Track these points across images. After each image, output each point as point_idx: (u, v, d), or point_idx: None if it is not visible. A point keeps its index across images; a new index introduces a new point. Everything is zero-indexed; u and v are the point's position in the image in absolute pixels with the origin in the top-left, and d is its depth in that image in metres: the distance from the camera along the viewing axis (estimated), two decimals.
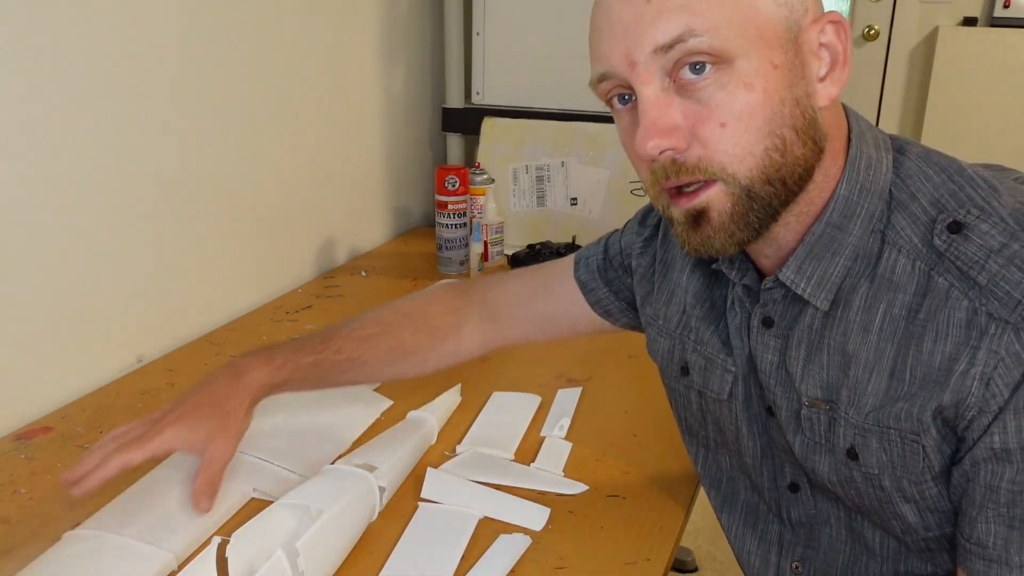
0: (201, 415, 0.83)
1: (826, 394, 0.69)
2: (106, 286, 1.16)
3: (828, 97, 0.64)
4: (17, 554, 0.80)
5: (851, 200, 0.66)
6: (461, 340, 0.97)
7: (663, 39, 0.60)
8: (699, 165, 0.62)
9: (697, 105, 0.61)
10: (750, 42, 0.60)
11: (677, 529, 0.86)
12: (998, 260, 0.60)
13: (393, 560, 0.79)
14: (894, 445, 0.66)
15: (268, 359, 0.87)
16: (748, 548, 0.84)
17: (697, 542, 2.00)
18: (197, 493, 0.82)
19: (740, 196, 0.62)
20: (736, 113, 0.60)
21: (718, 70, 0.60)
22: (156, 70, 1.19)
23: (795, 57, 0.62)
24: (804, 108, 0.62)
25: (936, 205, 0.64)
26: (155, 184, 1.22)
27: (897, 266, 0.64)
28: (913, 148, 0.68)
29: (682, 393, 0.84)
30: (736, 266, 0.74)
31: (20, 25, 0.99)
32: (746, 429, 0.79)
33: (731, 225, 0.64)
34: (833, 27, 0.63)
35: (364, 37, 1.71)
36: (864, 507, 0.73)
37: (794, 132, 0.62)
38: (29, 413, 1.06)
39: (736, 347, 0.76)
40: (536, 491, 0.90)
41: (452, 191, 1.56)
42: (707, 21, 0.59)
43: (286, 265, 1.54)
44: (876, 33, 2.83)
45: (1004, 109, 2.71)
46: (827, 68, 0.64)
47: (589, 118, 1.76)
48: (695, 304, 0.80)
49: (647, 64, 0.61)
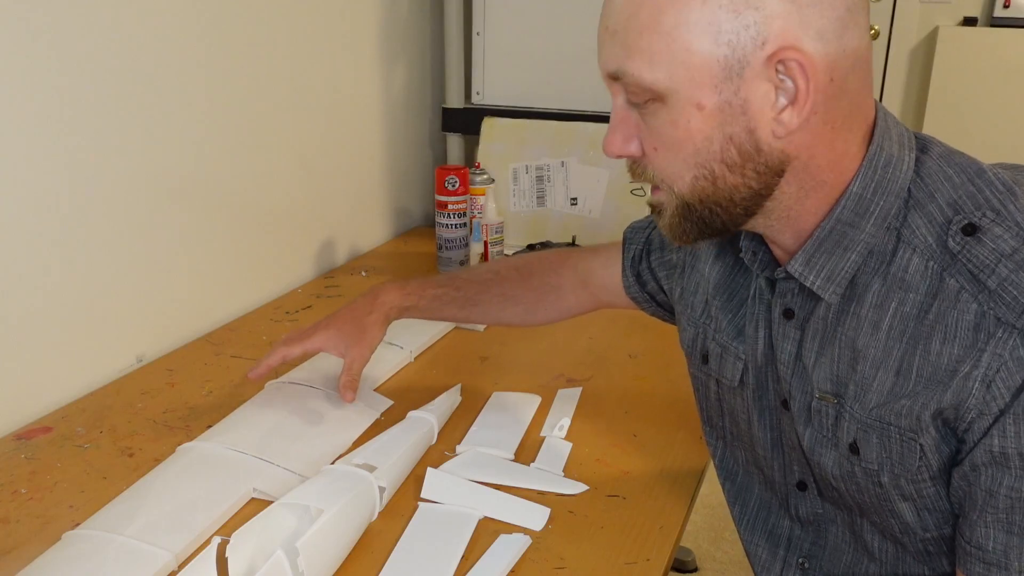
0: (344, 326, 1.02)
1: (835, 388, 0.70)
2: (106, 286, 1.16)
3: (785, 128, 0.62)
4: (17, 554, 0.80)
5: (864, 198, 0.66)
6: (560, 300, 1.06)
7: (608, 69, 0.66)
8: (647, 173, 0.69)
9: (644, 125, 0.66)
10: (678, 83, 0.62)
11: (677, 529, 0.86)
12: (1008, 264, 0.61)
13: (393, 560, 0.79)
14: (892, 442, 0.67)
15: (401, 286, 1.05)
16: (757, 541, 0.86)
17: (697, 542, 2.00)
18: (343, 388, 1.01)
19: (679, 206, 0.68)
20: (665, 143, 0.65)
21: (653, 103, 0.64)
22: (156, 71, 1.19)
23: (732, 96, 0.61)
24: (740, 143, 0.63)
25: (953, 206, 0.64)
26: (155, 184, 1.22)
27: (910, 265, 0.65)
28: (936, 148, 0.68)
29: (703, 382, 0.87)
30: (759, 258, 0.75)
31: (20, 25, 0.99)
32: (757, 419, 0.80)
33: (676, 227, 0.69)
34: (797, 65, 0.60)
35: (364, 37, 1.71)
36: (864, 504, 0.73)
37: (724, 166, 0.64)
38: (29, 413, 1.06)
39: (750, 336, 0.78)
40: (536, 491, 0.90)
41: (452, 191, 1.56)
42: (636, 64, 0.62)
43: (286, 265, 1.54)
44: (876, 33, 2.82)
45: (1004, 109, 2.71)
46: (789, 99, 0.61)
47: (589, 118, 1.76)
48: (715, 294, 0.82)
49: (610, 81, 0.67)
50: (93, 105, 1.10)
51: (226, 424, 1.01)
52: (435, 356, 1.25)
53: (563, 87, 1.83)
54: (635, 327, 1.35)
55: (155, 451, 0.97)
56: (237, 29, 1.34)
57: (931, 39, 2.76)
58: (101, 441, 1.00)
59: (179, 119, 1.24)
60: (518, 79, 1.87)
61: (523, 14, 1.83)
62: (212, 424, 1.02)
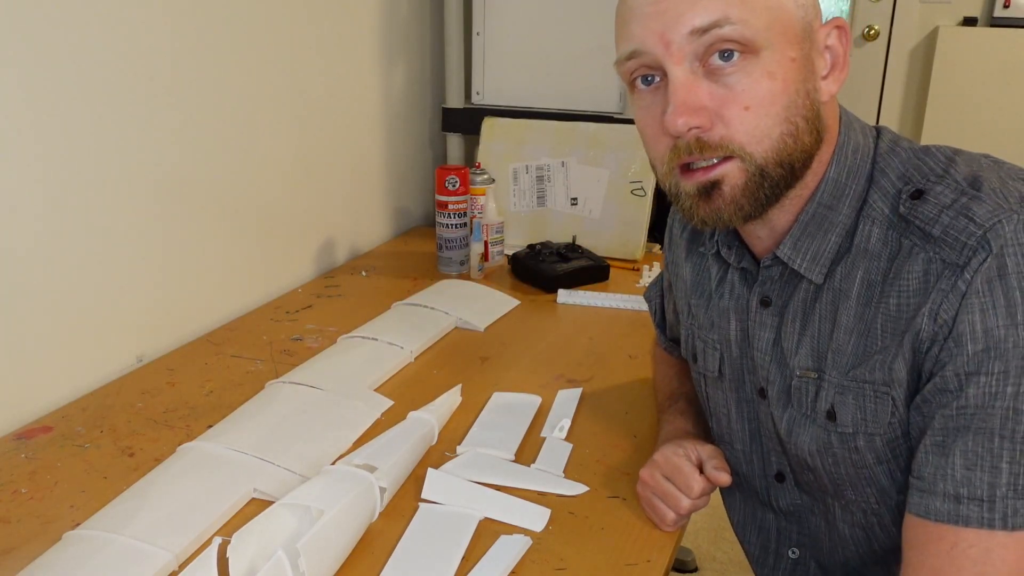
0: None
1: (816, 363, 0.74)
2: (106, 286, 1.16)
3: (829, 93, 0.70)
4: (17, 554, 0.80)
5: (840, 182, 0.72)
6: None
7: (700, 22, 0.64)
8: (721, 143, 0.67)
9: (723, 89, 0.66)
10: (775, 36, 0.65)
11: (677, 530, 0.86)
12: (949, 213, 0.66)
13: (394, 561, 0.79)
14: (867, 400, 0.71)
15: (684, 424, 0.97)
16: (749, 538, 0.90)
17: (697, 542, 2.00)
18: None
19: (754, 173, 0.68)
20: (759, 98, 0.66)
21: (745, 58, 0.65)
22: (156, 70, 1.19)
23: (808, 54, 0.68)
24: (813, 100, 0.69)
25: (902, 178, 0.71)
26: (155, 184, 1.22)
27: (872, 236, 0.70)
28: (887, 134, 0.75)
29: (697, 381, 0.91)
30: (734, 251, 0.80)
31: (20, 24, 0.99)
32: (735, 410, 0.85)
33: (741, 199, 0.69)
34: (837, 31, 0.70)
35: (364, 37, 1.71)
36: (840, 480, 0.76)
37: (805, 121, 0.68)
38: (29, 413, 1.06)
39: (722, 328, 0.83)
40: (536, 492, 0.90)
41: (452, 191, 1.56)
42: (741, 12, 0.64)
43: (286, 265, 1.54)
44: (876, 33, 2.83)
45: (1004, 109, 2.71)
46: (828, 68, 0.70)
47: (589, 118, 1.76)
48: (691, 292, 0.88)
49: (681, 45, 0.65)
50: (93, 105, 1.10)
51: (226, 424, 1.01)
52: (435, 356, 1.25)
53: (563, 87, 1.83)
54: (635, 327, 1.35)
55: (155, 451, 0.97)
56: (237, 29, 1.34)
57: (931, 39, 2.77)
58: (101, 441, 1.00)
59: (179, 119, 1.24)
60: (518, 79, 1.87)
61: (523, 14, 1.83)
62: (212, 424, 1.02)
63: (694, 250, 0.88)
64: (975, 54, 2.70)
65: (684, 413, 0.95)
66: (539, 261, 1.53)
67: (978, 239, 0.63)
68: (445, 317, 1.36)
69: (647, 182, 1.65)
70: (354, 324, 1.31)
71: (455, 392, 1.10)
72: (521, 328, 1.36)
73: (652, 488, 0.84)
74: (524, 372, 1.19)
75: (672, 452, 0.85)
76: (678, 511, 0.82)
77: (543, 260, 1.53)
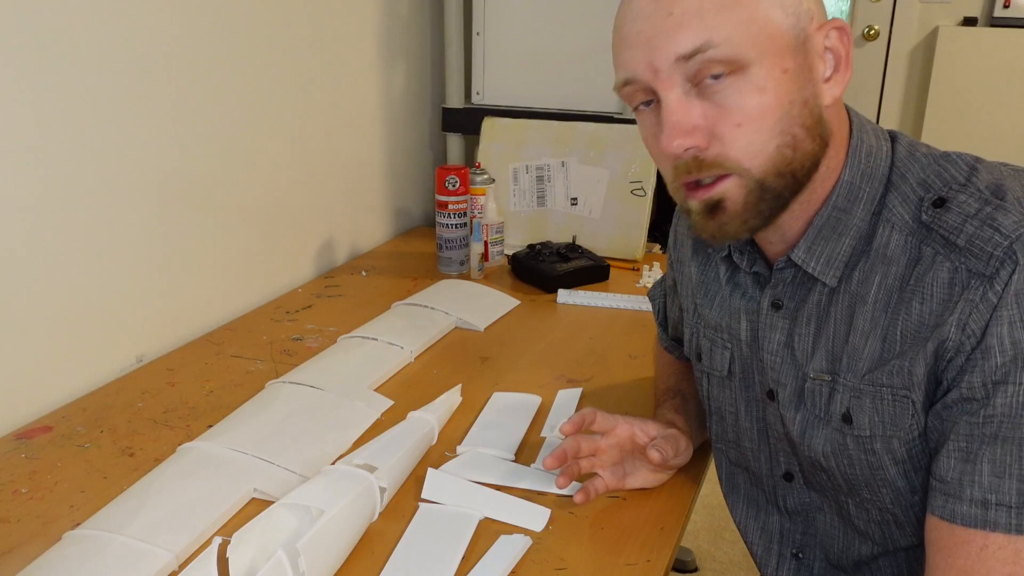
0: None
1: (830, 366, 0.74)
2: (106, 286, 1.16)
3: (832, 96, 0.69)
4: (17, 554, 0.80)
5: (854, 185, 0.72)
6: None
7: (683, 50, 0.65)
8: (717, 161, 0.68)
9: (716, 107, 0.66)
10: (762, 50, 0.65)
11: (677, 530, 0.86)
12: (974, 223, 0.66)
13: (394, 561, 0.79)
14: (885, 403, 0.71)
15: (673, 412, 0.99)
16: (752, 539, 0.90)
17: (697, 542, 2.00)
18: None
19: (753, 188, 0.68)
20: (750, 114, 0.66)
21: (734, 76, 0.65)
22: (156, 70, 1.19)
23: (803, 61, 0.67)
24: (812, 107, 0.68)
25: (923, 185, 0.70)
26: (155, 184, 1.22)
27: (891, 242, 0.70)
28: (903, 138, 0.75)
29: (699, 380, 0.91)
30: (746, 255, 0.80)
31: (20, 24, 0.99)
32: (744, 410, 0.85)
33: (744, 213, 0.69)
34: (836, 32, 0.69)
35: (364, 37, 1.71)
36: (855, 480, 0.76)
37: (803, 130, 0.68)
38: (29, 413, 1.06)
39: (733, 328, 0.83)
40: (536, 492, 0.90)
41: (452, 191, 1.56)
42: (722, 33, 0.64)
43: (286, 265, 1.54)
44: (876, 33, 2.83)
45: (1004, 109, 2.71)
46: (831, 70, 0.69)
47: (589, 118, 1.76)
48: (697, 291, 0.88)
49: (670, 72, 0.66)
50: (93, 106, 1.10)
51: (226, 424, 1.01)
52: (435, 356, 1.25)
53: (563, 87, 1.83)
54: (635, 327, 1.35)
55: (155, 451, 0.97)
56: (237, 29, 1.34)
57: (931, 39, 2.77)
58: (101, 441, 1.00)
59: (180, 119, 1.24)
60: (518, 79, 1.87)
61: (523, 14, 1.83)
62: (212, 424, 1.02)
63: (701, 249, 0.88)
64: (975, 54, 2.70)
65: (678, 410, 0.96)
66: (539, 261, 1.53)
67: (1004, 250, 0.64)
68: (445, 317, 1.36)
69: (647, 182, 1.65)
70: (354, 324, 1.31)
71: (455, 392, 1.10)
72: (521, 328, 1.36)
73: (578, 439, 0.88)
74: (524, 372, 1.19)
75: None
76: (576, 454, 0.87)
77: (543, 260, 1.53)
